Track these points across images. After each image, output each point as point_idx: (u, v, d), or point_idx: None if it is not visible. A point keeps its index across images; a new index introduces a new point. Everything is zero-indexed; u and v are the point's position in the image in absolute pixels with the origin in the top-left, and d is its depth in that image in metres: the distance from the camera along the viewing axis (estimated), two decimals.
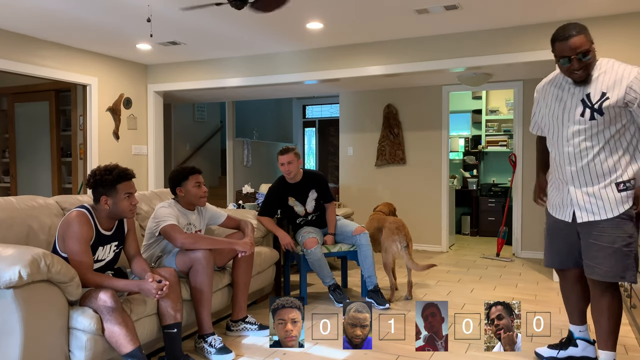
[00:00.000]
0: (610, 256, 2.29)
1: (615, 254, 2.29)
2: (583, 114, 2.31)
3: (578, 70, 2.29)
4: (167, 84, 6.45)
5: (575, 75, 2.32)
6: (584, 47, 2.25)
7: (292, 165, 3.94)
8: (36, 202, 2.87)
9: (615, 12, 4.40)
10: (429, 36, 5.12)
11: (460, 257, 6.07)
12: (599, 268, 2.33)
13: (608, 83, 2.28)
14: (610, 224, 2.31)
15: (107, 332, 2.37)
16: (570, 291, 2.66)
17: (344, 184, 7.17)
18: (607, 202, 2.32)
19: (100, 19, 4.56)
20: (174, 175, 3.22)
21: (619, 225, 2.30)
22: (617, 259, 2.29)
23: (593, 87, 2.31)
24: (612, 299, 2.38)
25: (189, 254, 2.93)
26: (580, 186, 2.38)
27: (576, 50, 2.24)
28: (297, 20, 4.62)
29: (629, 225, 2.30)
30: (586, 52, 2.25)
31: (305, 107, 11.17)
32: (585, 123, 2.31)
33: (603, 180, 2.33)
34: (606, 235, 2.31)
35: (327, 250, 3.99)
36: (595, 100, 2.28)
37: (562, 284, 2.70)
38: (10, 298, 2.13)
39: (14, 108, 6.93)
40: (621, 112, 2.27)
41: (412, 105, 6.67)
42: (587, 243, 2.38)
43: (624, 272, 2.30)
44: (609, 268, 2.30)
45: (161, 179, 6.63)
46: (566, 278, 2.65)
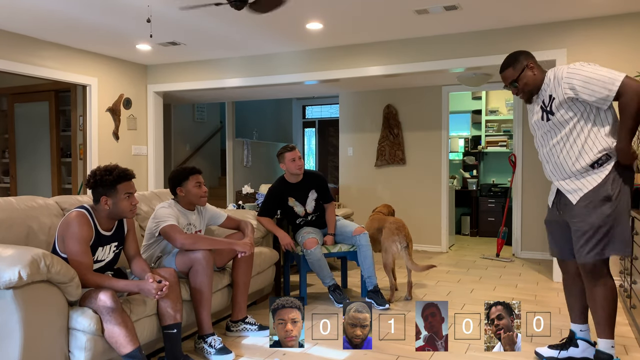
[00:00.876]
0: (591, 239, 2.46)
1: (594, 236, 2.45)
2: (542, 117, 2.62)
3: (516, 94, 2.71)
4: (166, 84, 6.45)
5: (520, 97, 2.71)
6: (511, 78, 2.65)
7: (301, 160, 3.98)
8: (36, 203, 2.87)
9: (615, 12, 4.40)
10: (429, 36, 5.13)
11: (460, 257, 6.07)
12: (581, 252, 2.50)
13: (552, 86, 2.56)
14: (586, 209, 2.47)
15: (106, 333, 2.37)
16: (571, 285, 2.76)
17: (343, 184, 7.17)
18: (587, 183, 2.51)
19: (100, 19, 4.56)
20: (174, 176, 3.22)
21: (595, 207, 2.45)
22: (596, 241, 2.45)
23: (545, 95, 2.61)
24: (604, 287, 2.51)
25: (188, 255, 2.93)
26: (562, 179, 2.61)
27: (507, 82, 2.69)
28: (296, 20, 4.62)
29: (606, 206, 2.44)
30: (515, 82, 2.64)
31: (305, 107, 11.17)
32: (546, 126, 2.62)
33: (578, 170, 2.52)
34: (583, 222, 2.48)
35: (327, 250, 3.99)
36: (547, 104, 2.58)
37: (564, 279, 2.81)
38: (10, 298, 2.13)
39: (14, 108, 6.93)
40: (570, 107, 2.50)
41: (412, 106, 6.67)
42: (573, 231, 2.56)
43: (603, 250, 2.46)
44: (589, 250, 2.47)
45: (161, 180, 6.63)
46: (568, 271, 2.77)
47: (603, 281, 2.51)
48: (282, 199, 4.06)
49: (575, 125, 2.51)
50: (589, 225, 2.46)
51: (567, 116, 2.51)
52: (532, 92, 2.65)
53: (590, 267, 2.49)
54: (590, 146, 2.48)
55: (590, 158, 2.47)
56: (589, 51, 4.56)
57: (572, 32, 4.61)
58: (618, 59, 4.46)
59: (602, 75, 2.39)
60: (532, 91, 2.65)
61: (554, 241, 2.77)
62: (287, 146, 4.01)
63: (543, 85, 2.62)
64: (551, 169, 2.64)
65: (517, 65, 2.63)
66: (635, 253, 3.27)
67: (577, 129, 2.50)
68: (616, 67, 4.44)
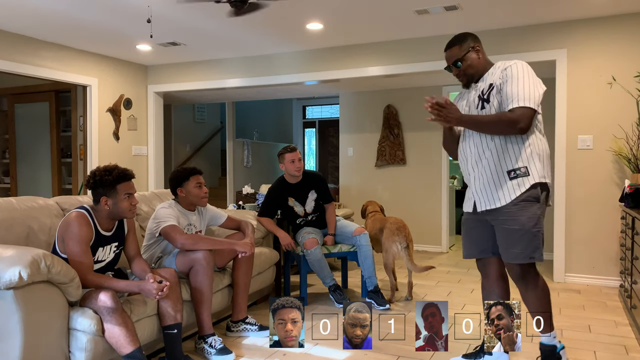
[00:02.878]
0: (521, 238, 2.37)
1: (525, 235, 2.37)
2: (477, 105, 2.49)
3: (457, 76, 2.57)
4: (167, 84, 6.46)
5: (459, 80, 2.60)
6: (456, 57, 2.52)
7: (301, 162, 3.98)
8: (36, 203, 2.87)
9: (615, 12, 4.40)
10: (429, 36, 5.13)
11: (461, 257, 6.07)
12: (511, 251, 2.41)
13: (494, 76, 2.46)
14: (515, 208, 2.39)
15: (107, 333, 2.37)
16: (492, 288, 2.65)
17: (344, 184, 7.16)
18: (500, 190, 2.42)
19: (101, 19, 4.57)
20: (174, 176, 3.22)
21: (524, 207, 2.38)
22: (527, 241, 2.37)
23: (486, 83, 2.49)
24: (535, 286, 2.47)
25: (189, 255, 2.93)
26: (477, 178, 2.50)
27: (450, 61, 2.55)
28: (297, 21, 4.62)
29: (534, 207, 2.38)
30: (459, 61, 2.51)
31: (305, 107, 11.17)
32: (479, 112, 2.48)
33: (495, 170, 2.42)
34: (514, 219, 2.38)
35: (327, 250, 3.99)
36: (485, 92, 2.47)
37: (483, 283, 2.70)
38: (10, 299, 2.13)
39: (14, 109, 6.94)
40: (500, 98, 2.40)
41: (412, 106, 6.67)
42: (499, 229, 2.46)
43: (534, 252, 2.39)
44: (520, 250, 2.39)
45: (161, 180, 6.63)
46: (488, 274, 2.65)
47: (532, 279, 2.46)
48: (282, 199, 4.06)
49: None
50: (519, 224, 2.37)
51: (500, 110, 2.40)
52: (473, 76, 2.53)
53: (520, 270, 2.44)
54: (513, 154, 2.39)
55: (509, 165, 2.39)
56: (589, 51, 4.56)
57: (572, 32, 4.61)
58: (618, 59, 4.46)
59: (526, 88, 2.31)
60: (473, 75, 2.53)
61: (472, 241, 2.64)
62: (288, 147, 4.02)
63: (485, 74, 2.51)
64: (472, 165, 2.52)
65: (464, 44, 2.51)
66: (636, 253, 3.27)
67: None
68: (616, 67, 4.46)
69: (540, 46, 4.69)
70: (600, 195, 4.54)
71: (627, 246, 3.64)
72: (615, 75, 4.45)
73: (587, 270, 4.60)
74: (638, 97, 4.33)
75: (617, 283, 4.47)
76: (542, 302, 2.48)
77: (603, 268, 4.56)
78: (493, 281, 2.65)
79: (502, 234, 2.44)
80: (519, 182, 2.38)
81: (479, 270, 2.71)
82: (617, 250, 4.47)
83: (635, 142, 4.32)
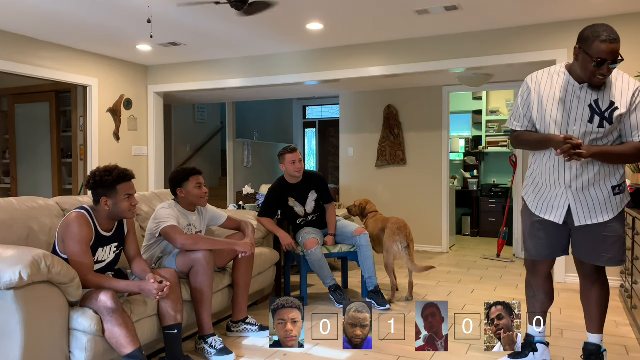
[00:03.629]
0: (615, 244, 2.45)
1: (619, 241, 2.45)
2: (591, 120, 2.28)
3: (605, 75, 2.23)
4: (167, 84, 6.46)
5: (597, 80, 2.25)
6: (618, 55, 2.22)
7: (302, 162, 3.98)
8: (36, 203, 2.87)
9: (615, 12, 4.40)
10: (429, 37, 5.13)
11: (461, 257, 6.07)
12: (605, 256, 2.45)
13: (616, 92, 2.28)
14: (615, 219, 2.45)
15: (107, 333, 2.37)
16: (540, 287, 2.68)
17: (344, 184, 7.17)
18: (604, 206, 2.42)
19: (101, 20, 4.57)
20: (174, 176, 3.22)
21: (620, 217, 2.46)
22: (620, 246, 2.46)
23: (602, 94, 2.29)
24: (601, 288, 2.54)
25: (189, 255, 2.93)
26: (576, 190, 2.41)
27: (613, 56, 2.19)
28: (297, 21, 4.62)
29: (623, 216, 2.49)
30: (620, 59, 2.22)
31: (305, 107, 11.17)
32: (592, 129, 2.30)
33: (600, 185, 2.40)
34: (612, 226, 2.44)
35: (328, 251, 3.99)
36: (604, 108, 2.27)
37: (530, 281, 2.70)
38: (10, 299, 2.14)
39: (15, 109, 6.94)
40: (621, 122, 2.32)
41: (413, 106, 6.67)
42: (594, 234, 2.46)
43: (623, 256, 2.49)
44: (613, 255, 2.45)
45: (161, 180, 6.63)
46: (539, 273, 2.66)
47: (601, 281, 2.56)
48: (282, 199, 4.06)
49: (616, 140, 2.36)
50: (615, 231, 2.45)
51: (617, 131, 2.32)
52: None
53: None
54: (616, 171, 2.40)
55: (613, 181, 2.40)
56: None
57: (572, 32, 4.60)
58: None
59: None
60: None
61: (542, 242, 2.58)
62: (288, 147, 4.02)
63: None
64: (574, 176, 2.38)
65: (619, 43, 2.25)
66: (636, 253, 3.27)
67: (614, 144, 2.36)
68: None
69: (540, 46, 4.69)
70: None
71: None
72: None
73: None
74: None
75: (617, 283, 4.47)
76: (602, 302, 2.55)
77: None
78: (542, 279, 2.68)
79: (599, 238, 2.44)
80: (622, 198, 2.44)
81: (528, 267, 2.72)
82: None
83: None
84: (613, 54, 2.18)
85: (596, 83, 2.27)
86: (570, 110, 2.34)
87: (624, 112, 2.26)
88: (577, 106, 2.32)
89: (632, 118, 2.29)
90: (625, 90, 2.27)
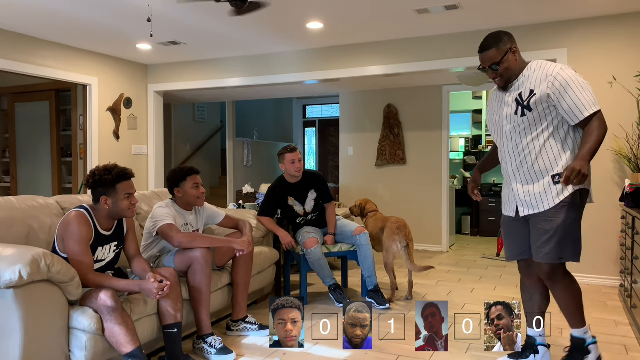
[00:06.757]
0: (550, 239, 2.41)
1: (554, 237, 2.40)
2: (516, 111, 2.45)
3: (494, 78, 2.51)
4: (167, 84, 6.46)
5: (495, 82, 2.53)
6: (495, 59, 2.44)
7: (301, 162, 3.98)
8: (36, 202, 2.87)
9: (615, 12, 4.40)
10: (430, 36, 5.12)
11: (461, 257, 6.07)
12: (540, 251, 2.44)
13: (536, 81, 2.42)
14: (552, 210, 2.42)
15: (107, 332, 2.37)
16: (534, 288, 2.67)
17: (344, 184, 7.16)
18: (544, 195, 2.43)
19: (101, 19, 4.57)
20: (171, 176, 3.21)
21: (560, 210, 2.40)
22: (555, 242, 2.41)
23: (525, 87, 2.45)
24: (563, 284, 2.49)
25: (187, 254, 2.93)
26: (521, 182, 2.50)
27: (488, 62, 2.46)
28: (297, 20, 4.62)
29: (571, 209, 2.41)
30: (497, 64, 2.44)
31: (305, 107, 11.17)
32: (517, 120, 2.45)
33: (540, 174, 2.44)
34: (548, 221, 2.42)
35: (327, 250, 3.99)
36: (525, 97, 2.43)
37: (526, 283, 2.71)
38: (10, 298, 2.14)
39: (14, 108, 6.94)
40: (549, 108, 2.39)
41: (413, 105, 6.67)
42: (533, 229, 2.49)
43: (562, 253, 2.42)
44: (548, 251, 2.42)
45: (161, 179, 6.63)
46: (530, 275, 2.66)
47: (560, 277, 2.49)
48: (282, 198, 4.06)
49: (558, 130, 2.40)
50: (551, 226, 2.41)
51: (544, 116, 2.39)
52: (511, 78, 2.48)
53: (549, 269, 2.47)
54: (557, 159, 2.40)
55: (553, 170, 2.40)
56: (589, 51, 4.56)
57: (572, 32, 4.61)
58: (618, 59, 4.46)
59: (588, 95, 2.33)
60: (510, 77, 2.48)
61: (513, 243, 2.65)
62: (288, 147, 4.01)
63: (520, 76, 2.47)
64: (514, 169, 2.51)
65: (502, 46, 2.43)
66: (636, 253, 3.27)
67: (550, 133, 2.40)
68: (616, 67, 4.46)
69: (540, 46, 4.69)
70: (600, 195, 4.54)
71: (628, 246, 3.64)
72: (616, 74, 4.45)
73: (587, 269, 4.60)
74: (638, 96, 4.33)
75: (617, 283, 4.47)
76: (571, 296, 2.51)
77: (603, 267, 4.56)
78: (535, 280, 2.66)
79: (537, 232, 2.46)
80: (563, 187, 2.40)
81: (521, 271, 2.71)
82: (617, 249, 4.47)
83: (636, 141, 4.32)
84: (484, 61, 2.49)
85: (497, 84, 2.55)
86: (504, 107, 2.54)
87: (543, 96, 2.37)
88: (508, 102, 2.51)
89: (563, 104, 2.36)
90: (543, 78, 2.40)
